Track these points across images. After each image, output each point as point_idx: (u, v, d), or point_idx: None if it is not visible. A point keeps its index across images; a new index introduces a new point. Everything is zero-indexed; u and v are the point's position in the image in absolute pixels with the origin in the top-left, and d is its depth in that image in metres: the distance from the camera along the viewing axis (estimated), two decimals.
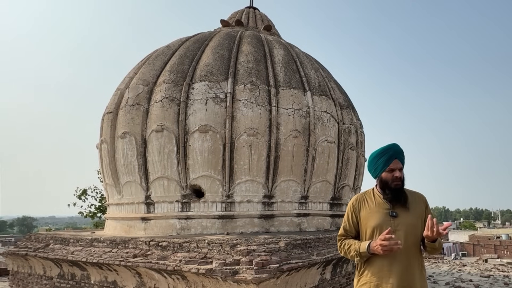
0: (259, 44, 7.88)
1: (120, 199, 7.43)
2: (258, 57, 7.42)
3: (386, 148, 2.39)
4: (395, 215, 2.27)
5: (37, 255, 7.07)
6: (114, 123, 7.37)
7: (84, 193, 15.24)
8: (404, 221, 2.25)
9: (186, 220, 6.64)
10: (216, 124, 6.61)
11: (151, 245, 5.79)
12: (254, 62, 7.26)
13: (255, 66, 7.20)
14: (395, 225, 2.25)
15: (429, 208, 2.41)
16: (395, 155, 2.33)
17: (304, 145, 6.96)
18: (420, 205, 2.34)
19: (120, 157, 7.18)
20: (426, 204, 2.39)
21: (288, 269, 4.74)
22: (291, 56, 7.90)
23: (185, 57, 7.49)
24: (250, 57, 7.37)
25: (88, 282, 6.45)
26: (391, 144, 2.41)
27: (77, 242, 6.89)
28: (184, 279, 5.15)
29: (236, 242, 5.12)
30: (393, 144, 2.40)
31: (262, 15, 9.91)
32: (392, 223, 2.25)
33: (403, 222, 2.25)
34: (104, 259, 5.89)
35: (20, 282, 7.87)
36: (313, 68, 8.05)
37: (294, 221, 6.97)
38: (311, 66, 8.04)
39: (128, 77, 7.89)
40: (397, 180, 2.30)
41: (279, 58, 7.63)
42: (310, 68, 7.90)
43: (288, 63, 7.58)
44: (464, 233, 38.95)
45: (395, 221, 2.26)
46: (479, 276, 11.30)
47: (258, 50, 7.64)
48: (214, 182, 6.61)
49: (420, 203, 2.35)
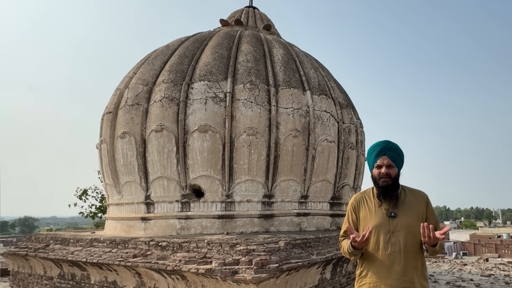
0: (259, 43, 7.86)
1: (120, 199, 7.43)
2: (257, 57, 7.41)
3: (375, 145, 2.38)
4: (393, 215, 2.24)
5: (37, 255, 7.07)
6: (113, 123, 7.37)
7: (85, 193, 15.24)
8: (403, 221, 2.21)
9: (186, 220, 6.63)
10: (215, 123, 6.60)
11: (151, 245, 5.78)
12: (254, 62, 7.25)
13: (255, 65, 7.19)
14: (394, 225, 2.22)
15: (430, 206, 2.34)
16: (384, 151, 2.30)
17: (304, 144, 6.94)
18: (421, 204, 2.29)
19: (120, 157, 7.18)
20: (428, 202, 2.33)
21: (288, 268, 4.72)
22: (291, 56, 7.89)
23: (184, 56, 7.48)
24: (249, 56, 7.35)
25: (88, 282, 6.44)
26: (382, 140, 2.38)
27: (77, 242, 6.89)
28: (184, 279, 5.14)
29: (235, 242, 5.11)
30: (383, 140, 2.38)
31: (261, 15, 9.90)
32: (391, 223, 2.23)
33: (402, 222, 2.21)
34: (104, 259, 5.89)
35: (21, 282, 7.87)
36: (313, 67, 8.04)
37: (294, 220, 6.96)
38: (311, 66, 8.02)
39: (127, 77, 7.88)
40: (384, 177, 2.25)
41: (278, 58, 7.61)
42: (309, 68, 7.88)
43: (288, 63, 7.57)
44: (465, 232, 38.95)
45: (394, 221, 2.23)
46: (480, 276, 11.27)
47: (258, 49, 7.62)
48: (214, 182, 6.60)
49: (421, 202, 2.30)
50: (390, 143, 2.35)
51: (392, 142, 2.35)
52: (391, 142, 2.35)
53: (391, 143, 2.35)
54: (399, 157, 2.32)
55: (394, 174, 2.27)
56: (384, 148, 2.31)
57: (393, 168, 2.28)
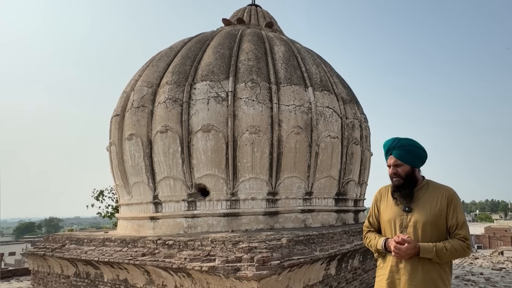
0: (260, 41, 7.87)
1: (130, 200, 7.64)
2: (258, 55, 7.43)
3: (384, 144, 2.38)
4: (408, 210, 2.22)
5: (54, 255, 7.37)
6: (121, 125, 7.57)
7: (101, 194, 15.67)
8: (417, 216, 2.18)
9: (192, 219, 6.76)
10: (218, 123, 6.68)
11: (158, 243, 5.95)
12: (255, 60, 7.28)
13: (256, 63, 7.22)
14: (407, 220, 2.21)
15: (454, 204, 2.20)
16: (390, 151, 2.30)
17: (307, 141, 6.94)
18: (440, 201, 2.20)
19: (128, 158, 7.37)
20: (451, 199, 2.21)
21: (290, 265, 4.76)
22: (292, 52, 7.86)
23: (187, 57, 7.58)
24: (250, 55, 7.38)
25: (101, 281, 6.68)
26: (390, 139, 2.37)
27: (91, 242, 7.14)
28: (190, 276, 5.26)
29: (238, 240, 5.19)
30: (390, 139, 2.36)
31: (264, 12, 9.88)
32: (404, 218, 2.22)
33: (416, 218, 2.18)
34: (115, 258, 6.09)
35: (41, 281, 8.24)
36: (315, 63, 7.99)
37: (299, 217, 6.98)
38: (313, 62, 7.97)
39: (133, 79, 8.06)
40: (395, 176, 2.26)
41: (279, 55, 7.61)
42: (311, 64, 7.84)
43: (289, 59, 7.55)
44: (480, 225, 37.96)
45: (408, 216, 2.21)
46: (491, 269, 10.99)
47: (259, 47, 7.64)
48: (218, 181, 6.69)
49: (442, 199, 2.21)
50: (396, 140, 2.30)
51: (400, 139, 2.30)
52: (398, 140, 2.30)
53: (399, 140, 2.30)
54: (408, 153, 2.25)
55: (404, 172, 2.24)
56: (390, 147, 2.30)
57: (402, 166, 2.25)
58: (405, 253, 2.08)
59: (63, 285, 7.46)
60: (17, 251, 28.37)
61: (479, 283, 8.95)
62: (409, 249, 2.08)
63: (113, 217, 15.84)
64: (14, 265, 21.00)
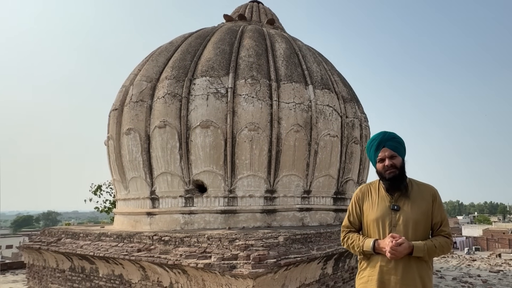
0: (261, 38, 7.81)
1: (127, 195, 7.59)
2: (259, 51, 7.36)
3: (372, 139, 2.32)
4: (396, 209, 2.18)
5: (49, 249, 7.32)
6: (119, 119, 7.51)
7: (99, 189, 15.63)
8: (406, 215, 2.15)
9: (189, 215, 6.72)
10: (217, 119, 6.63)
11: (154, 239, 5.90)
12: (255, 56, 7.21)
13: (256, 60, 7.15)
14: (396, 219, 2.17)
15: (438, 202, 2.23)
16: (383, 143, 2.24)
17: (306, 139, 6.89)
18: (427, 199, 2.20)
19: (126, 153, 7.32)
20: (435, 197, 2.22)
21: (286, 264, 4.72)
22: (293, 50, 7.80)
23: (187, 52, 7.51)
24: (251, 51, 7.31)
25: (96, 275, 6.64)
26: (378, 133, 2.32)
27: (86, 236, 7.10)
28: (185, 273, 5.22)
29: (235, 237, 5.14)
30: (379, 132, 2.31)
31: (266, 9, 9.81)
32: (393, 217, 2.17)
33: (404, 216, 2.15)
34: (110, 253, 6.05)
35: (36, 274, 8.20)
36: (316, 61, 7.92)
37: (297, 215, 6.94)
38: (314, 60, 7.91)
39: (132, 74, 8.00)
40: (390, 168, 2.19)
41: (280, 52, 7.54)
42: (312, 62, 7.77)
43: (290, 57, 7.49)
44: (478, 227, 38.03)
45: (396, 214, 2.17)
46: (488, 272, 10.99)
47: (260, 44, 7.57)
48: (216, 177, 6.64)
49: (427, 196, 2.21)
50: (386, 133, 2.28)
51: (388, 132, 2.29)
52: (387, 132, 2.28)
53: (388, 133, 2.28)
54: (399, 145, 2.25)
55: (399, 164, 2.21)
56: (382, 140, 2.25)
57: (397, 157, 2.21)
58: (401, 253, 2.05)
59: (58, 279, 7.42)
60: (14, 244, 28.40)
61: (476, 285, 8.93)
62: (405, 249, 2.06)
63: (111, 211, 15.80)
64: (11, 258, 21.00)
